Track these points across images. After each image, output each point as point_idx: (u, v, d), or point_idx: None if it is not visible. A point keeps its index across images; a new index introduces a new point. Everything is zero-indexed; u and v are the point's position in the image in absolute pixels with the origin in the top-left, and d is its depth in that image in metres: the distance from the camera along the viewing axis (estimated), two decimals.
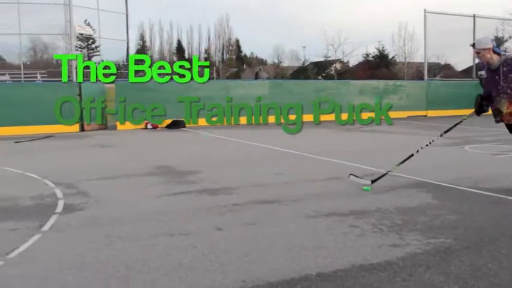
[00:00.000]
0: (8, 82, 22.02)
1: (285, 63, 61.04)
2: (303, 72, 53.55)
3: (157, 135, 15.86)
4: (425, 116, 22.53)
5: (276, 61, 61.29)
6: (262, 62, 64.69)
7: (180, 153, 11.27)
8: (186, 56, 63.95)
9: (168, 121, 17.72)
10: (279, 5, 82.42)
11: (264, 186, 6.28)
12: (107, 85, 18.93)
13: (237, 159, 10.08)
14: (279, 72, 54.84)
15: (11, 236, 4.93)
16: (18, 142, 13.46)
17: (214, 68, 54.64)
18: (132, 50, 51.00)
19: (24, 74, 24.63)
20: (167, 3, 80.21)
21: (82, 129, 16.76)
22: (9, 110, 15.83)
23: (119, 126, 17.36)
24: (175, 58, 63.13)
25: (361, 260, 4.01)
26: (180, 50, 65.55)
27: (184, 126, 17.68)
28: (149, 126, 17.60)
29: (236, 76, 56.97)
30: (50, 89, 17.37)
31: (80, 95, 16.80)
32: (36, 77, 25.15)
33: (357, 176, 6.93)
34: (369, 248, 4.29)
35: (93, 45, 43.19)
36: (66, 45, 25.43)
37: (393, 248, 4.28)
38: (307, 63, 57.22)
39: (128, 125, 17.14)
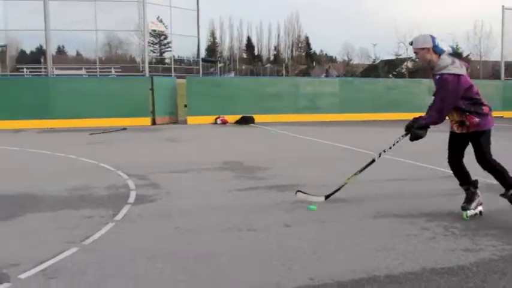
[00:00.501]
0: (84, 76, 22.83)
1: (355, 61, 60.32)
2: (373, 70, 52.73)
3: (226, 130, 16.03)
4: (502, 117, 21.68)
5: (346, 59, 60.66)
6: (331, 60, 64.15)
7: (249, 149, 11.35)
8: (256, 52, 64.28)
9: (238, 117, 17.88)
10: (350, 2, 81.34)
11: (332, 185, 6.21)
12: (178, 80, 19.31)
13: (306, 157, 10.04)
14: (348, 70, 54.26)
15: (86, 223, 5.11)
16: (92, 134, 13.94)
17: (284, 65, 54.62)
18: (203, 47, 51.70)
19: (100, 68, 25.48)
20: (237, 0, 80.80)
21: (153, 122, 17.16)
22: (84, 103, 16.40)
23: (189, 121, 17.67)
24: (244, 55, 63.62)
25: (432, 263, 3.90)
26: (249, 46, 65.98)
27: (253, 122, 17.79)
28: (219, 121, 17.82)
29: (305, 73, 56.79)
30: (123, 83, 17.87)
31: (152, 89, 17.20)
32: (111, 71, 25.92)
33: (305, 193, 5.88)
34: (440, 252, 4.16)
35: (165, 41, 44.18)
36: (139, 41, 26.09)
37: (466, 253, 4.14)
38: (378, 61, 56.31)
39: (198, 119, 17.42)
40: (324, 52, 67.82)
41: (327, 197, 5.79)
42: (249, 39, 66.65)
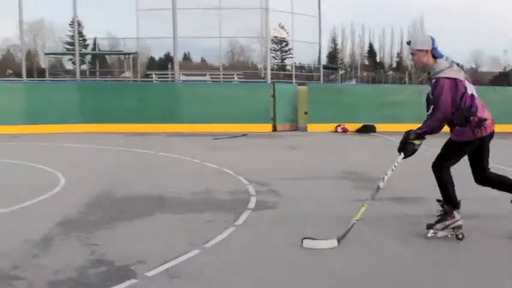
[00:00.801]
0: (208, 82, 23.64)
1: (484, 69, 57.32)
2: (505, 78, 49.71)
3: (347, 138, 15.86)
4: None
5: (474, 66, 57.83)
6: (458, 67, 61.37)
7: (369, 159, 11.14)
8: (378, 59, 63.10)
9: (358, 125, 17.62)
10: (480, 6, 77.31)
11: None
12: (299, 87, 19.41)
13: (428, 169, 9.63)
14: (476, 78, 51.63)
15: (208, 227, 5.27)
16: (216, 139, 14.37)
17: (406, 73, 53.09)
18: (324, 53, 51.65)
19: (223, 74, 26.29)
20: (359, 6, 79.80)
21: (274, 129, 17.37)
22: (208, 108, 16.95)
23: (310, 128, 17.69)
24: (366, 62, 62.66)
25: None
26: (371, 53, 64.87)
27: (374, 131, 17.45)
28: (339, 129, 17.65)
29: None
30: (245, 89, 18.28)
31: (273, 95, 17.42)
32: (233, 78, 26.62)
33: (313, 239, 4.67)
34: None
35: (286, 48, 44.56)
36: (261, 48, 26.57)
37: None
38: (509, 68, 53.06)
39: (318, 127, 17.38)
40: (449, 59, 65.19)
41: (339, 240, 4.70)
42: (370, 46, 65.56)
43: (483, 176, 5.07)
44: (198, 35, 24.11)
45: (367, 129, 17.45)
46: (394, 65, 62.45)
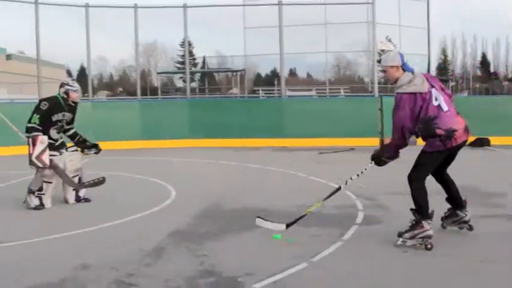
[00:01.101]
0: (314, 97, 23.64)
1: None
2: None
3: (459, 152, 15.12)
4: None
5: None
6: None
7: (483, 172, 10.58)
8: (491, 69, 60.11)
9: (472, 138, 16.82)
10: None
11: None
12: None
13: None
14: None
15: (315, 240, 5.24)
16: (321, 153, 14.31)
17: None
18: (433, 65, 50.02)
19: (329, 89, 26.18)
20: (470, 16, 76.56)
21: (382, 143, 17.00)
22: (314, 123, 16.93)
23: (419, 142, 17.10)
24: (478, 72, 59.93)
25: None
26: (484, 63, 61.94)
27: (488, 145, 16.57)
28: None
29: None
30: (352, 103, 18.09)
31: (381, 109, 17.08)
32: (340, 92, 26.43)
33: (265, 219, 5.39)
34: None
35: None
36: (368, 62, 26.20)
37: None
38: None
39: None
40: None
41: (288, 225, 5.26)
42: (483, 56, 62.63)
43: (441, 175, 5.52)
44: (304, 50, 24.19)
45: (481, 143, 16.59)
46: (510, 75, 59.17)
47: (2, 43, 20.70)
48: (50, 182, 7.09)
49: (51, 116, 7.11)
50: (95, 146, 7.63)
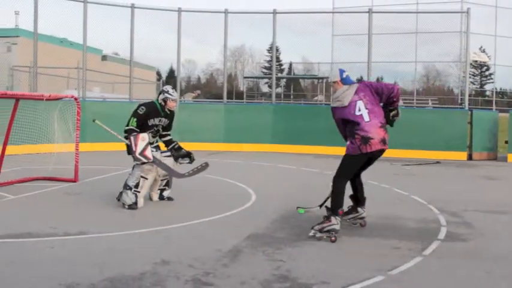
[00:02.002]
0: (401, 107, 23.14)
1: None
2: None
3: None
4: None
5: None
6: None
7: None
8: None
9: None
10: None
11: None
12: (500, 114, 18.14)
13: None
14: None
15: (394, 253, 5.14)
16: (406, 165, 13.98)
17: None
18: None
19: (417, 99, 25.55)
20: None
21: (470, 157, 16.39)
22: (399, 133, 16.44)
23: (510, 158, 16.35)
24: None
25: None
26: None
27: None
28: None
29: None
30: (440, 115, 17.53)
31: (470, 122, 16.47)
32: (428, 103, 25.75)
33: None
34: None
35: (487, 73, 42.05)
36: (459, 73, 25.34)
37: None
38: None
39: None
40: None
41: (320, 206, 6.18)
42: None
43: (355, 177, 6.19)
44: (393, 59, 23.80)
45: None
46: None
47: (99, 45, 21.72)
48: (147, 178, 7.36)
49: (148, 120, 7.39)
50: (189, 155, 7.75)
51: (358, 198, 6.32)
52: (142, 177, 7.30)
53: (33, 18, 15.03)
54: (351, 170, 5.96)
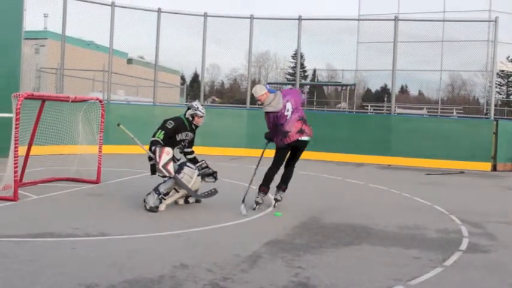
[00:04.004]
0: (425, 116, 22.94)
1: None
2: None
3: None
4: None
5: None
6: None
7: None
8: None
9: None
10: None
11: None
12: None
13: None
14: None
15: (415, 263, 5.09)
16: (428, 174, 13.84)
17: None
18: None
19: (441, 108, 25.28)
20: None
21: (494, 168, 16.16)
22: (422, 143, 16.40)
23: None
24: None
25: None
26: None
27: None
28: None
29: None
30: (464, 124, 17.31)
31: (495, 133, 16.26)
32: (452, 112, 25.46)
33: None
34: None
35: None
36: (485, 82, 25.04)
37: None
38: None
39: None
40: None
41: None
42: None
43: (288, 166, 7.83)
44: (418, 67, 23.60)
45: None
46: None
47: (125, 48, 21.96)
48: (178, 192, 7.49)
49: (176, 135, 7.50)
50: (214, 174, 7.89)
51: (281, 182, 7.79)
52: (175, 189, 7.39)
53: (61, 21, 15.25)
54: (280, 160, 7.61)
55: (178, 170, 7.30)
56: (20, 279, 4.16)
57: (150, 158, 7.32)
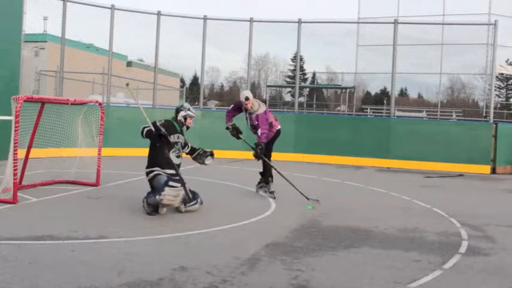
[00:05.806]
0: (424, 119, 22.96)
1: None
2: None
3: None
4: None
5: None
6: None
7: None
8: None
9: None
10: None
11: None
12: None
13: None
14: None
15: (414, 266, 5.09)
16: (427, 177, 13.84)
17: None
18: None
19: (440, 111, 25.31)
20: None
21: (493, 171, 16.17)
22: (422, 146, 16.41)
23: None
24: None
25: None
26: None
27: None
28: None
29: None
30: (464, 127, 17.34)
31: (495, 135, 16.27)
32: (452, 115, 25.49)
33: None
34: None
35: None
36: (484, 85, 25.06)
37: None
38: None
39: None
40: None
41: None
42: None
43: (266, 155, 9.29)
44: (417, 70, 23.64)
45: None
46: None
47: (125, 51, 21.98)
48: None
49: (168, 136, 7.38)
50: (211, 154, 8.19)
51: (267, 177, 9.52)
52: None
53: (61, 24, 15.26)
54: (270, 152, 9.57)
55: (158, 191, 6.98)
56: (19, 282, 4.16)
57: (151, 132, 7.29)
